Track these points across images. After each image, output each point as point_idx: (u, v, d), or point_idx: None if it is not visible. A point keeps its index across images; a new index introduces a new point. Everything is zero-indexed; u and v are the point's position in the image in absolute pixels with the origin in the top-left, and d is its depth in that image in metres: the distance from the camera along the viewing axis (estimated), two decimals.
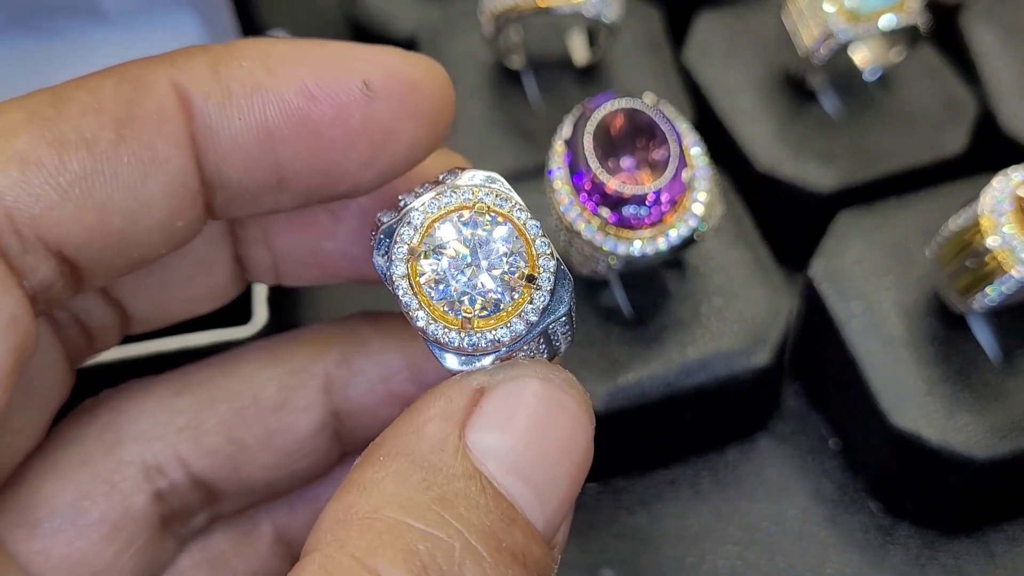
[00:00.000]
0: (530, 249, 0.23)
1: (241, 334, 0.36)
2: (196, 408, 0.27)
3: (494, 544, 0.20)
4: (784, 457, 0.37)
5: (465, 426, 0.21)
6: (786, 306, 0.35)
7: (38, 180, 0.21)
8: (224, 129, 0.23)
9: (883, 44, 0.41)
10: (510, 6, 0.39)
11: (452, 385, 0.22)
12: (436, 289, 0.22)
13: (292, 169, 0.23)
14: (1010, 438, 0.32)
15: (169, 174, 0.22)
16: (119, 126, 0.22)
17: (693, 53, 0.43)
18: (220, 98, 0.22)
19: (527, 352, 0.23)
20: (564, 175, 0.31)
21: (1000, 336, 0.34)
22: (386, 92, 0.23)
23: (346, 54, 0.23)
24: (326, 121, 0.23)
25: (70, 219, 0.21)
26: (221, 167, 0.23)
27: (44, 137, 0.21)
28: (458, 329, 0.22)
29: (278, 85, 0.23)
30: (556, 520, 0.22)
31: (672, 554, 0.35)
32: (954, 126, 0.40)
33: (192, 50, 0.23)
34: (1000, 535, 0.35)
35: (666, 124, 0.31)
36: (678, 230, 0.31)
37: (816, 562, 0.35)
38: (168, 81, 0.22)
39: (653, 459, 0.37)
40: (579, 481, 0.22)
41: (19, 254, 0.21)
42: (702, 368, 0.34)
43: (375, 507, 0.20)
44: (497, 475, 0.21)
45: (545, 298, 0.23)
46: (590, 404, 0.23)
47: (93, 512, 0.25)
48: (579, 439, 0.22)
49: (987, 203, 0.31)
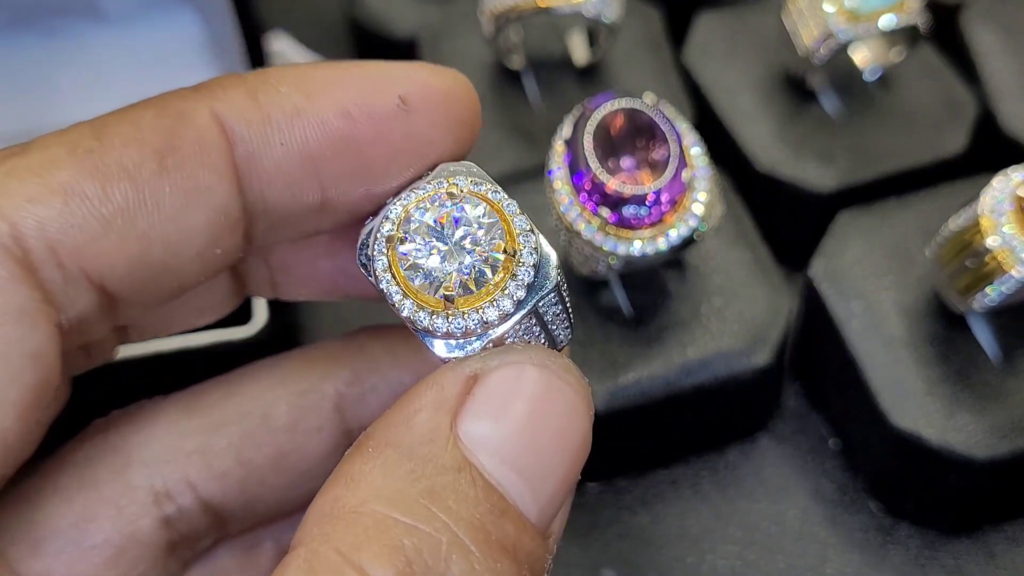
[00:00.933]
0: (509, 227, 0.23)
1: (241, 334, 0.36)
2: (206, 430, 0.27)
3: (483, 537, 0.20)
4: (784, 457, 0.37)
5: (457, 415, 0.21)
6: (786, 306, 0.35)
7: (81, 211, 0.21)
8: (267, 155, 0.23)
9: (883, 44, 0.41)
10: (510, 6, 0.39)
11: (444, 372, 0.22)
12: (417, 274, 0.22)
13: (336, 190, 0.24)
14: (1010, 438, 0.32)
15: (211, 203, 0.22)
16: (161, 156, 0.22)
17: (693, 53, 0.43)
18: (261, 125, 0.23)
19: (520, 337, 0.23)
20: (564, 175, 0.31)
21: (1000, 336, 0.34)
22: (422, 105, 0.23)
23: (380, 73, 0.24)
24: (367, 139, 0.23)
25: (113, 250, 0.21)
26: (265, 193, 0.23)
27: (87, 169, 0.21)
28: (443, 313, 0.22)
29: (317, 108, 0.23)
30: (550, 510, 0.22)
31: (673, 554, 0.35)
32: (954, 126, 0.40)
33: (228, 79, 0.23)
34: (1000, 535, 0.35)
35: (666, 124, 0.31)
36: (678, 230, 0.31)
37: (816, 562, 0.35)
38: (208, 111, 0.22)
39: (653, 459, 0.37)
40: (575, 470, 0.22)
41: (60, 287, 0.21)
42: (702, 368, 0.34)
43: (361, 500, 0.20)
44: (488, 466, 0.21)
45: (529, 273, 0.22)
46: (589, 391, 0.22)
47: (98, 535, 0.25)
48: (576, 428, 0.22)
49: (987, 203, 0.31)
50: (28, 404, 0.21)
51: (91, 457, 0.26)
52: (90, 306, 0.22)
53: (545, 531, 0.22)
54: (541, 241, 0.23)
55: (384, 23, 0.47)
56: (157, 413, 0.27)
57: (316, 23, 0.52)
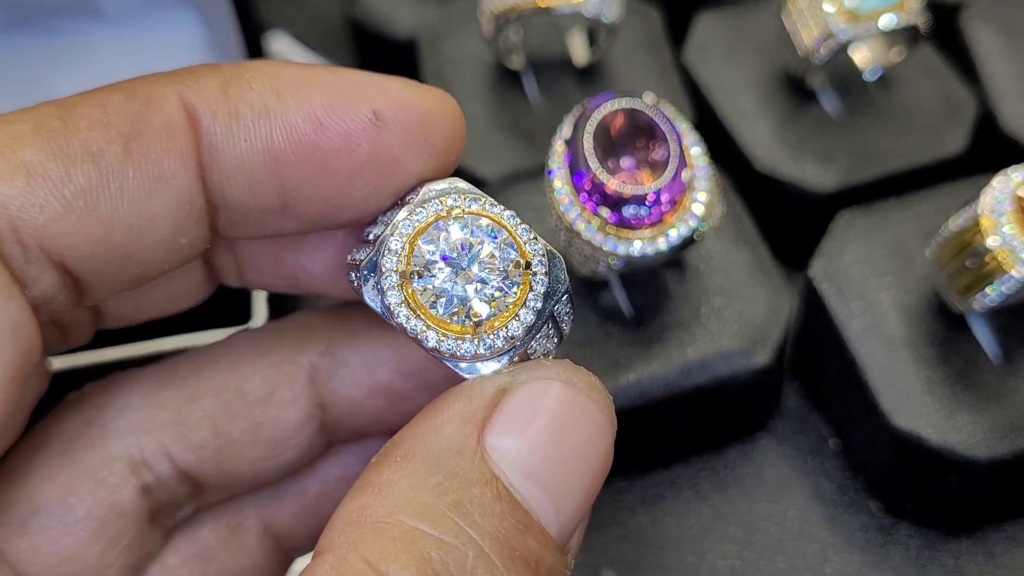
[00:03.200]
0: (516, 239, 0.23)
1: None
2: (181, 402, 0.27)
3: (507, 552, 0.20)
4: (784, 457, 0.37)
5: (484, 428, 0.21)
6: (786, 306, 0.35)
7: (43, 191, 0.21)
8: (229, 150, 0.22)
9: (883, 44, 0.41)
10: (510, 6, 0.39)
11: (473, 386, 0.22)
12: (439, 305, 0.22)
13: (296, 195, 0.23)
14: (1010, 438, 0.32)
15: (175, 191, 0.22)
16: (126, 141, 0.22)
17: (693, 53, 0.43)
18: (228, 119, 0.22)
19: (540, 342, 0.23)
20: (564, 175, 0.31)
21: (1000, 336, 0.34)
22: (396, 123, 0.23)
23: (357, 82, 0.23)
24: (333, 149, 0.23)
25: (74, 231, 0.21)
26: (225, 187, 0.23)
27: (51, 149, 0.21)
28: (471, 336, 0.22)
29: (287, 110, 0.23)
30: (571, 527, 0.22)
31: (673, 554, 0.35)
32: (954, 126, 0.40)
33: (202, 68, 0.23)
34: (1000, 535, 0.35)
35: (666, 124, 0.31)
36: (678, 230, 0.31)
37: (816, 562, 0.35)
38: (177, 98, 0.22)
39: (654, 459, 0.37)
40: (596, 488, 0.22)
41: (22, 264, 0.21)
42: (702, 368, 0.34)
43: (389, 510, 0.20)
44: (514, 480, 0.21)
45: (543, 282, 0.22)
46: (612, 408, 0.22)
47: (80, 508, 0.25)
48: (599, 445, 0.22)
49: (987, 203, 0.31)
50: (11, 377, 0.21)
51: (67, 431, 0.26)
52: (54, 285, 0.22)
53: (565, 547, 0.22)
54: (545, 245, 0.23)
55: (384, 23, 0.47)
56: (132, 385, 0.27)
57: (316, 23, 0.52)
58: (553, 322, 0.23)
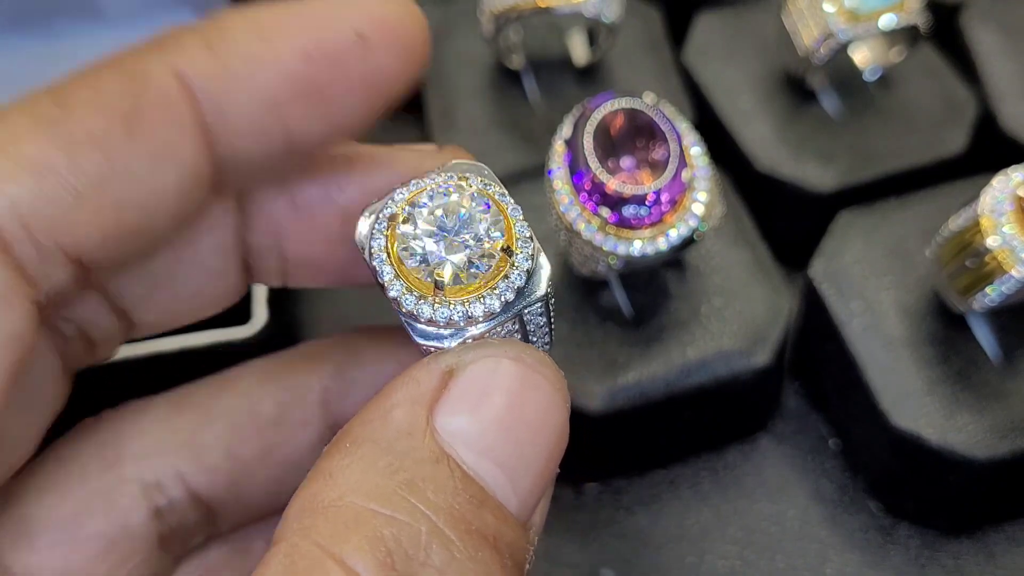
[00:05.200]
0: (510, 230, 0.23)
1: (241, 334, 0.36)
2: (195, 426, 0.27)
3: (463, 527, 0.20)
4: (784, 457, 0.37)
5: (433, 409, 0.21)
6: (786, 306, 0.35)
7: (52, 185, 0.21)
8: (230, 105, 0.22)
9: (883, 44, 0.41)
10: (510, 6, 0.39)
11: (420, 368, 0.22)
12: (412, 256, 0.22)
13: (300, 130, 0.23)
14: (1010, 438, 0.32)
15: (180, 162, 0.22)
16: (127, 121, 0.21)
17: (693, 53, 0.43)
18: (221, 76, 0.22)
19: None
20: (564, 175, 0.31)
21: (1000, 336, 0.34)
22: (378, 37, 0.23)
23: (332, 10, 0.23)
24: (327, 77, 0.23)
25: (87, 221, 0.21)
26: (234, 144, 0.23)
27: (54, 140, 0.21)
28: (431, 299, 0.22)
29: (275, 52, 0.23)
30: (530, 502, 0.22)
31: (672, 554, 0.35)
32: (954, 126, 0.40)
33: (183, 32, 0.23)
34: (1000, 535, 0.35)
35: (666, 124, 0.31)
36: (678, 230, 0.31)
37: (816, 562, 0.35)
38: (168, 69, 0.22)
39: (653, 459, 0.37)
40: (554, 461, 0.22)
41: (35, 263, 0.21)
42: (702, 368, 0.34)
43: (340, 494, 0.20)
44: (466, 458, 0.21)
45: (521, 277, 0.22)
46: (564, 383, 0.22)
47: (90, 527, 0.25)
48: (553, 419, 0.22)
49: (987, 203, 0.31)
50: (3, 386, 0.21)
51: (82, 452, 0.26)
52: (66, 279, 0.22)
53: (525, 523, 0.22)
54: (539, 250, 0.23)
55: None
56: (147, 410, 0.27)
57: None
58: (522, 330, 0.23)
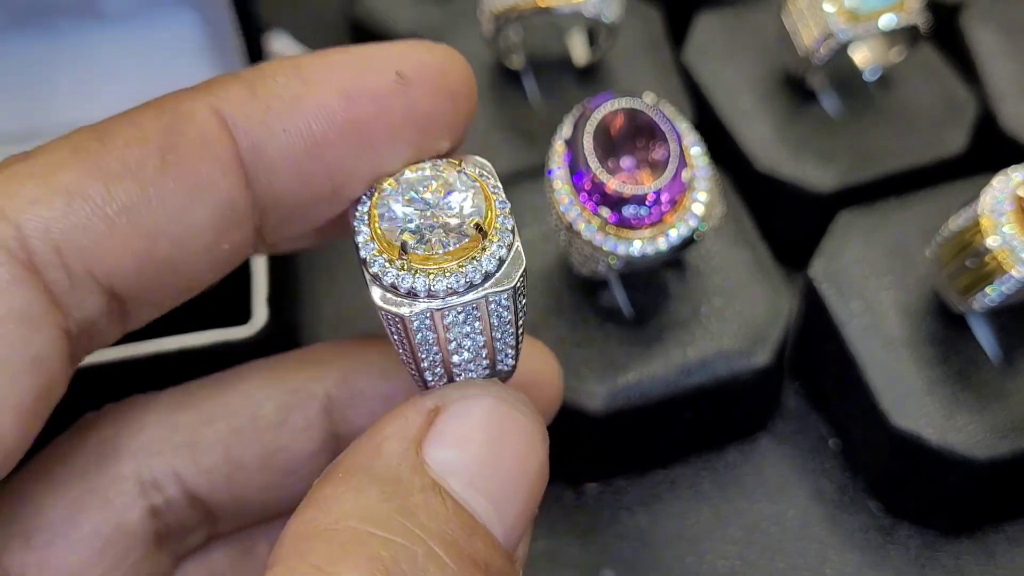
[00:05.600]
0: (491, 216, 0.23)
1: (241, 334, 0.36)
2: (195, 425, 0.27)
3: (456, 552, 0.20)
4: (784, 457, 0.37)
5: (422, 443, 0.21)
6: (786, 306, 0.35)
7: (85, 211, 0.21)
8: (270, 145, 0.23)
9: (883, 44, 0.41)
10: (510, 6, 0.39)
11: (408, 406, 0.22)
12: (385, 218, 0.22)
13: (343, 174, 0.23)
14: (1010, 438, 0.32)
15: (215, 198, 0.22)
16: (163, 153, 0.22)
17: (693, 53, 0.43)
18: (261, 115, 0.23)
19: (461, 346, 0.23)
20: (564, 175, 0.31)
21: (1000, 336, 0.34)
22: (419, 79, 0.24)
23: (372, 52, 0.24)
24: (369, 118, 0.23)
25: (118, 249, 0.21)
26: (273, 183, 0.23)
27: (90, 169, 0.21)
28: (397, 263, 0.22)
29: (316, 93, 0.23)
30: (515, 534, 0.22)
31: (672, 554, 0.35)
32: (954, 126, 0.40)
33: (225, 77, 0.24)
34: (1000, 535, 0.35)
35: (666, 124, 0.31)
36: (678, 230, 0.31)
37: (816, 562, 0.35)
38: (207, 107, 0.23)
39: (653, 459, 0.37)
40: (536, 496, 0.23)
41: (66, 289, 0.21)
42: (702, 368, 0.34)
43: (336, 519, 0.20)
44: (456, 488, 0.21)
45: (492, 263, 0.22)
46: (543, 423, 0.23)
47: (86, 526, 0.25)
48: (533, 455, 0.23)
49: (987, 203, 0.31)
50: (27, 409, 0.21)
51: (79, 449, 0.26)
52: (98, 308, 0.22)
53: (512, 553, 0.22)
54: (517, 244, 0.23)
55: (384, 23, 0.47)
56: (147, 407, 0.27)
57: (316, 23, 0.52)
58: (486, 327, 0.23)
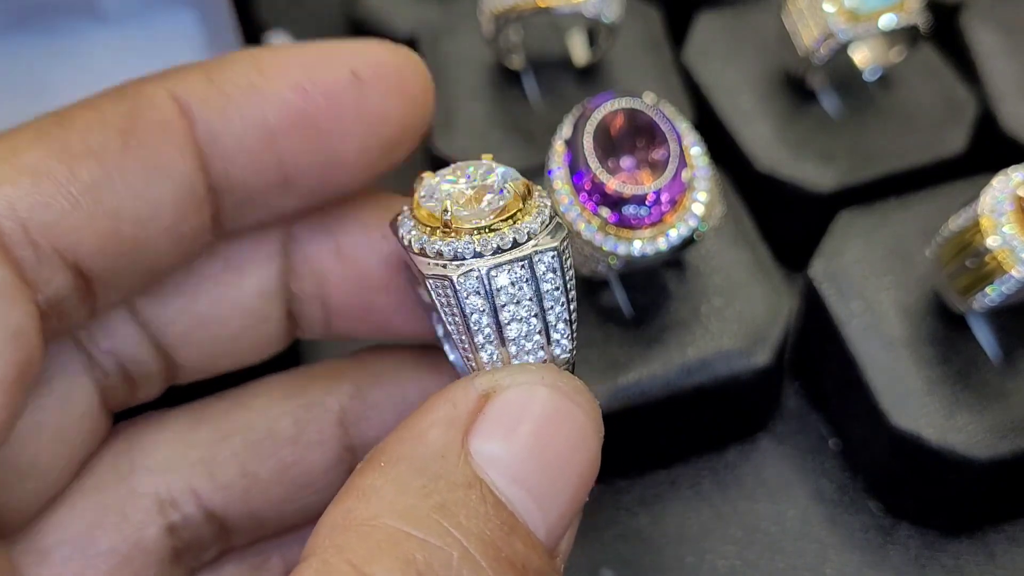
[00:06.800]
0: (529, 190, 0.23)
1: None
2: (211, 442, 0.27)
3: (493, 553, 0.20)
4: (784, 457, 0.37)
5: (468, 432, 0.21)
6: (786, 306, 0.35)
7: (50, 190, 0.22)
8: (226, 131, 0.24)
9: (883, 44, 0.41)
10: (510, 6, 0.38)
11: (456, 389, 0.22)
12: (427, 198, 0.23)
13: (295, 163, 0.24)
14: (1010, 438, 0.32)
15: (175, 178, 0.23)
16: (124, 136, 0.22)
17: (693, 53, 0.43)
18: (218, 102, 0.23)
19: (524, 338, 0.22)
20: (564, 175, 0.31)
21: (1000, 336, 0.34)
22: (373, 78, 0.24)
23: (331, 50, 0.25)
24: (321, 111, 0.24)
25: (83, 226, 0.22)
26: (228, 169, 0.24)
27: (53, 150, 0.22)
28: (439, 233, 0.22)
29: (272, 83, 0.24)
30: (559, 530, 0.22)
31: (672, 554, 0.35)
32: (954, 126, 0.40)
33: (185, 66, 0.24)
34: (1000, 535, 0.35)
35: (666, 124, 0.31)
36: (678, 230, 0.31)
37: (816, 562, 0.35)
38: (166, 93, 0.23)
39: (653, 459, 0.37)
40: (584, 491, 0.22)
41: (34, 265, 0.22)
42: (702, 368, 0.34)
43: (374, 514, 0.20)
44: (499, 483, 0.21)
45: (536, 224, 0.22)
46: (599, 413, 0.22)
47: (103, 543, 0.25)
48: (585, 450, 0.22)
49: (987, 203, 0.31)
50: (12, 382, 0.21)
51: (98, 466, 0.26)
52: (66, 286, 0.23)
53: (553, 551, 0.22)
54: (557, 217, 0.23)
55: (384, 23, 0.47)
56: (162, 424, 0.27)
57: (316, 23, 0.52)
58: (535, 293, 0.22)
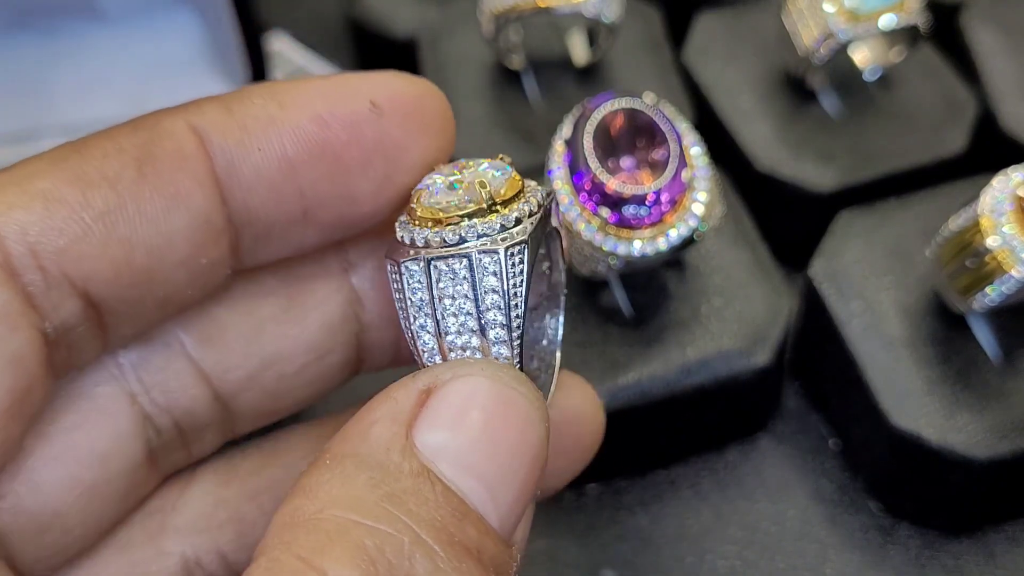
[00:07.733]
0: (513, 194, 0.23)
1: None
2: (241, 500, 0.27)
3: (445, 538, 0.20)
4: (784, 457, 0.37)
5: (412, 426, 0.21)
6: (786, 306, 0.35)
7: (62, 215, 0.21)
8: (245, 163, 0.23)
9: (883, 44, 0.41)
10: (510, 6, 0.39)
11: (397, 387, 0.22)
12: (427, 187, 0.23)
13: (315, 197, 0.24)
14: (1010, 438, 0.32)
15: (191, 210, 0.23)
16: (140, 165, 0.22)
17: (693, 53, 0.43)
18: (237, 134, 0.23)
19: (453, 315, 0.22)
20: (564, 175, 0.31)
21: (1000, 336, 0.34)
22: (393, 110, 0.24)
23: (349, 82, 0.24)
24: (341, 143, 0.24)
25: (94, 254, 0.22)
26: (248, 201, 0.24)
27: (67, 177, 0.22)
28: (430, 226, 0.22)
29: (291, 116, 0.24)
30: (512, 518, 0.22)
31: (672, 554, 0.35)
32: (954, 126, 0.40)
33: (203, 99, 0.24)
34: (1000, 535, 0.35)
35: (666, 124, 0.31)
36: (678, 230, 0.31)
37: (816, 562, 0.35)
38: (184, 124, 0.23)
39: (653, 459, 0.37)
40: (534, 478, 0.22)
41: (42, 290, 0.22)
42: (702, 368, 0.34)
43: (320, 507, 0.20)
44: (447, 472, 0.21)
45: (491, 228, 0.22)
46: (542, 401, 0.22)
47: None
48: (531, 436, 0.22)
49: (987, 203, 0.31)
50: (5, 409, 0.21)
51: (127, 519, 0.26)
52: (75, 314, 0.22)
53: (508, 538, 0.22)
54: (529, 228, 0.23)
55: (384, 23, 0.47)
56: (192, 480, 0.27)
57: (316, 23, 0.52)
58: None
